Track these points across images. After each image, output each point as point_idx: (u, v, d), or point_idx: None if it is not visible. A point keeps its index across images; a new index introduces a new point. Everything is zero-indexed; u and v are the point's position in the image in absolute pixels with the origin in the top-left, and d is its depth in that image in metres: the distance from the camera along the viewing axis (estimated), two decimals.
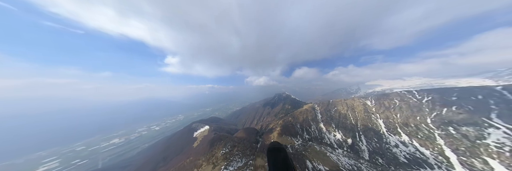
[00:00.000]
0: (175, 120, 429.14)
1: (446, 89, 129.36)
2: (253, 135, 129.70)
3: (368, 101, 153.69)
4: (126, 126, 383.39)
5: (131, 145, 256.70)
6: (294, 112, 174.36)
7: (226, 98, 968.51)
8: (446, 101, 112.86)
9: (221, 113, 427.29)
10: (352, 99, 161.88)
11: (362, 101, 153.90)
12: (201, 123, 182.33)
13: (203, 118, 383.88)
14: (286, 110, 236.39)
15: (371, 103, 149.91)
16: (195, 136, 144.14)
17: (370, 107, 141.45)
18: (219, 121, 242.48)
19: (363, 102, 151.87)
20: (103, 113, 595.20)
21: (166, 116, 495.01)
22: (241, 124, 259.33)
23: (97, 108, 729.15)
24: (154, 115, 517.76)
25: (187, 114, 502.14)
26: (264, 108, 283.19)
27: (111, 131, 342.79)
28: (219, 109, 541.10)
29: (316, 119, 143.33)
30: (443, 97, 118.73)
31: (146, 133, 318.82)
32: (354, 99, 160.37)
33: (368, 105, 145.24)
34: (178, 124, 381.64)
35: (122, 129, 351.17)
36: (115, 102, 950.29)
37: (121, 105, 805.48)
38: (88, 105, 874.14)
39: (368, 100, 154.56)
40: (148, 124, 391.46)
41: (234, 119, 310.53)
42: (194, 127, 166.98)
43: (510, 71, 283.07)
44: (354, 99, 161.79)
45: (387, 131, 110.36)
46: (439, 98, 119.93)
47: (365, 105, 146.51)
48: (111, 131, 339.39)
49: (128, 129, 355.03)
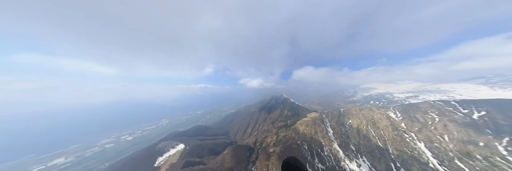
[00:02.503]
0: (156, 126, 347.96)
1: (498, 101, 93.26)
2: (244, 159, 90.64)
3: (391, 112, 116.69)
4: (88, 136, 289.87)
5: (81, 167, 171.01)
6: (297, 123, 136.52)
7: (221, 99, 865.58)
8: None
9: (213, 116, 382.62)
10: (369, 109, 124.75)
11: (383, 112, 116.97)
12: (175, 139, 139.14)
13: (189, 123, 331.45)
14: (285, 116, 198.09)
15: (395, 115, 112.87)
16: (157, 165, 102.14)
17: (397, 122, 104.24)
18: (204, 132, 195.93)
19: (384, 113, 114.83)
20: (55, 121, 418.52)
21: (146, 121, 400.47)
22: (233, 132, 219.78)
23: (43, 114, 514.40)
24: (130, 120, 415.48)
25: (173, 118, 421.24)
26: (260, 112, 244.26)
27: (60, 145, 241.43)
28: (211, 111, 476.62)
29: (327, 136, 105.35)
30: (506, 113, 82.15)
31: (111, 146, 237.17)
32: (372, 109, 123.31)
33: (394, 119, 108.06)
34: (159, 131, 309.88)
35: (79, 142, 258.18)
36: (78, 106, 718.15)
37: (86, 109, 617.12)
38: (26, 112, 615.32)
39: (390, 111, 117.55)
40: (118, 133, 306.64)
41: (226, 124, 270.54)
42: (161, 148, 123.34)
43: (499, 78, 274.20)
44: (372, 109, 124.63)
45: (439, 163, 73.13)
46: (499, 113, 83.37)
47: (389, 118, 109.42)
48: (60, 146, 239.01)
49: (89, 140, 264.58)
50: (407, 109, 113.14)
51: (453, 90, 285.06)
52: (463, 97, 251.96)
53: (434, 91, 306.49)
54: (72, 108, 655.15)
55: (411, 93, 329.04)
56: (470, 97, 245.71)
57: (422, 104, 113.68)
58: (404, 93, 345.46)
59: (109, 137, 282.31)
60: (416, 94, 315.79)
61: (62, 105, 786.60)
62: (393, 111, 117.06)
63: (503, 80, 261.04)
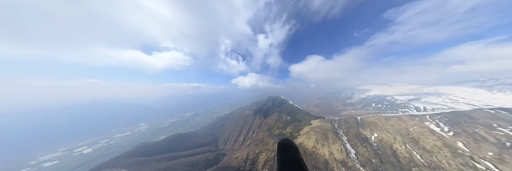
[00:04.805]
0: (131, 133, 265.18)
1: None
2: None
3: (431, 123, 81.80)
4: (24, 150, 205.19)
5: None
6: (300, 133, 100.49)
7: (214, 100, 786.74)
8: None
9: (205, 119, 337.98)
10: (398, 118, 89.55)
11: (420, 123, 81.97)
12: (123, 163, 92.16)
13: (174, 128, 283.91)
14: (283, 121, 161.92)
15: (439, 128, 77.81)
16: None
17: (449, 140, 69.06)
18: (182, 143, 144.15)
19: (425, 126, 79.71)
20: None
21: (119, 126, 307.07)
22: (223, 139, 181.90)
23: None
24: (96, 126, 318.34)
25: (155, 121, 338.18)
26: (254, 116, 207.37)
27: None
28: (203, 113, 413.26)
29: (348, 159, 69.11)
30: None
31: (52, 165, 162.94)
32: (403, 118, 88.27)
33: (441, 134, 72.83)
34: (133, 139, 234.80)
35: (3, 161, 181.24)
36: (19, 108, 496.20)
37: (35, 111, 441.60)
38: None
39: (430, 122, 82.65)
40: (74, 144, 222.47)
41: (217, 128, 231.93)
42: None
43: (493, 81, 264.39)
44: (401, 118, 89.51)
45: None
46: None
47: (433, 132, 74.24)
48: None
49: (20, 157, 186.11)
50: (455, 119, 78.54)
51: (452, 93, 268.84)
52: (466, 101, 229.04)
53: (433, 93, 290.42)
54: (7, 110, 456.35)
55: (411, 95, 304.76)
56: (474, 101, 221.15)
57: (475, 112, 79.40)
58: (404, 95, 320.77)
59: (55, 151, 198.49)
60: (416, 96, 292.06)
61: None
62: (433, 122, 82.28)
63: (499, 84, 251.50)
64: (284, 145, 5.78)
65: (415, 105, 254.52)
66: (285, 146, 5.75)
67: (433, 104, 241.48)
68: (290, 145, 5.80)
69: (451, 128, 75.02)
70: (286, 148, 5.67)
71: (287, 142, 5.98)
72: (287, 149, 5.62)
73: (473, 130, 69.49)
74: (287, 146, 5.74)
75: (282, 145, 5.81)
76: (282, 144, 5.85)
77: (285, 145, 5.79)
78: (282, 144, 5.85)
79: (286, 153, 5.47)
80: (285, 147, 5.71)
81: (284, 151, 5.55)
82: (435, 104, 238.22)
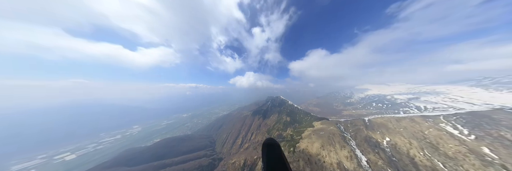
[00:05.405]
0: (122, 136, 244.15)
1: None
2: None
3: (447, 125, 73.57)
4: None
5: None
6: (302, 136, 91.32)
7: (213, 100, 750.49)
8: None
9: (202, 120, 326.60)
10: (410, 119, 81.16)
11: (435, 124, 73.66)
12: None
13: (169, 130, 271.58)
14: (283, 123, 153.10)
15: (457, 130, 69.63)
16: None
17: (472, 144, 60.70)
18: (175, 148, 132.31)
19: (441, 128, 71.40)
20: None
21: (109, 128, 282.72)
22: (221, 141, 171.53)
23: None
24: (83, 129, 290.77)
25: (150, 123, 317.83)
26: (253, 117, 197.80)
27: None
28: (201, 114, 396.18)
29: (360, 168, 60.08)
30: None
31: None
32: (415, 120, 79.93)
33: (461, 138, 64.55)
34: (125, 142, 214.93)
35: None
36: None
37: (6, 113, 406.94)
38: None
39: (445, 124, 74.39)
40: (56, 149, 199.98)
41: (215, 130, 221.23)
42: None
43: (489, 80, 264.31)
44: (414, 119, 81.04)
45: None
46: None
47: (452, 136, 65.89)
48: None
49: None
50: (473, 121, 70.50)
51: (450, 92, 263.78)
52: (465, 100, 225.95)
53: (431, 92, 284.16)
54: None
55: (410, 94, 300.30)
56: (472, 100, 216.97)
57: (495, 113, 71.55)
58: (403, 94, 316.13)
59: (33, 158, 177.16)
60: (415, 95, 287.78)
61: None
62: (449, 124, 74.09)
63: (495, 83, 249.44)
64: (269, 145, 6.01)
65: (416, 104, 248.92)
66: (270, 145, 5.97)
67: (433, 103, 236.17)
68: (274, 144, 6.03)
69: (472, 131, 66.91)
70: (271, 147, 5.90)
71: (271, 141, 6.18)
72: (272, 148, 5.86)
73: (499, 133, 61.41)
74: (272, 145, 5.96)
75: (267, 145, 6.03)
76: (267, 144, 6.07)
77: (270, 144, 6.00)
78: (267, 144, 6.07)
79: (271, 152, 5.75)
80: (270, 146, 5.94)
81: (269, 150, 5.79)
82: (435, 103, 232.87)
